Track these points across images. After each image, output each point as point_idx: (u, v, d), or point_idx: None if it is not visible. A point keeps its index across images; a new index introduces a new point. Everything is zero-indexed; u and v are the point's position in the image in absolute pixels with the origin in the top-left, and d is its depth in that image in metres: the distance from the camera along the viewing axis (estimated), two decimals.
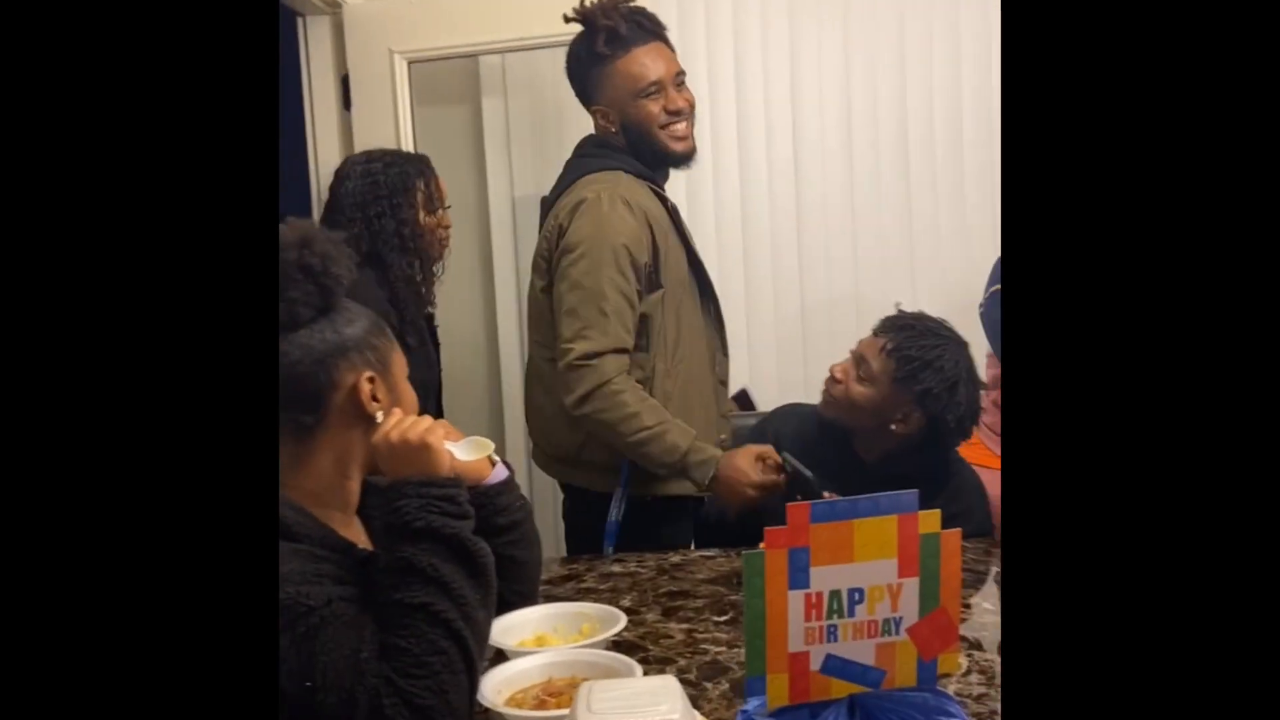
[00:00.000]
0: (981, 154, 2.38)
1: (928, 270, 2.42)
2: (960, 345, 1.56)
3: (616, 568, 1.60)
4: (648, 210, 1.61)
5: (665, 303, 1.62)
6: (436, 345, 1.92)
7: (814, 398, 1.70)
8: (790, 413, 1.83)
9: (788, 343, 2.45)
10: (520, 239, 2.46)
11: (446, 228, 1.84)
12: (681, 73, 1.67)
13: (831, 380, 1.64)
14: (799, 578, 0.89)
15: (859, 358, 1.59)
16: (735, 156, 2.43)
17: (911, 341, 1.52)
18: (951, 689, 1.05)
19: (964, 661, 1.12)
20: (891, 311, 1.63)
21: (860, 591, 0.90)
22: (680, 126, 1.65)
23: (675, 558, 1.63)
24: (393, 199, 1.74)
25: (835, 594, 0.90)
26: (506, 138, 2.45)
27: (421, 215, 1.77)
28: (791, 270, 2.45)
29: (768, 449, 1.57)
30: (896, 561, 0.90)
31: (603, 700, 0.85)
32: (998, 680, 1.09)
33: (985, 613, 1.32)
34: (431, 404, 1.76)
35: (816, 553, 0.89)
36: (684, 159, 1.69)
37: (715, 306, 1.75)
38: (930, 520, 0.91)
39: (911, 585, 0.91)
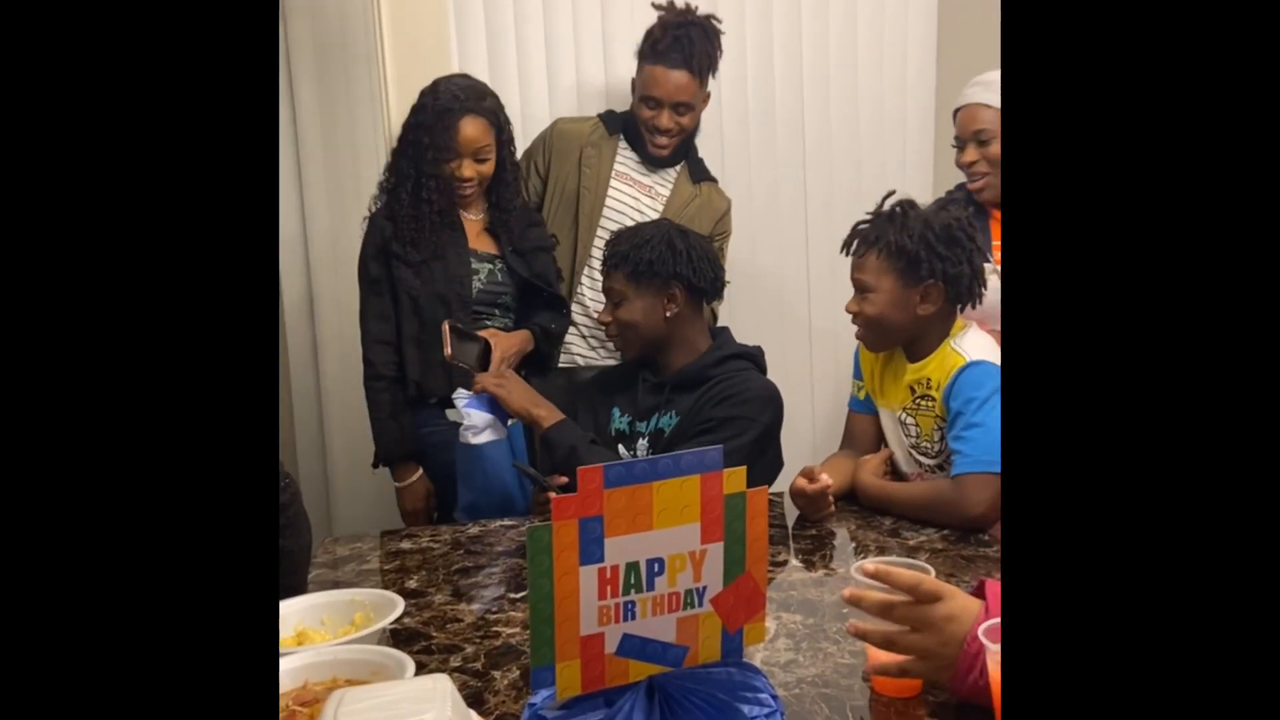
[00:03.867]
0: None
1: None
2: (658, 223, 1.70)
3: (406, 544, 1.45)
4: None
5: None
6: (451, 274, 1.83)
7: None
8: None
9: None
10: None
11: (463, 180, 1.78)
12: (685, 105, 1.96)
13: (601, 327, 1.72)
14: (592, 551, 0.80)
15: (607, 293, 1.66)
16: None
17: (623, 244, 1.63)
18: (758, 658, 0.99)
19: (771, 626, 1.06)
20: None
21: (660, 562, 0.82)
22: (660, 139, 2.00)
23: (474, 529, 1.51)
24: (423, 136, 1.76)
25: (633, 566, 0.81)
26: None
27: (444, 163, 1.77)
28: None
29: None
30: (699, 526, 0.83)
31: (354, 711, 0.71)
32: (805, 644, 1.04)
33: (794, 570, 1.28)
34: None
35: (612, 521, 0.80)
36: (653, 159, 2.03)
37: None
38: (735, 479, 0.84)
39: (716, 551, 0.84)
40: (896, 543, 1.34)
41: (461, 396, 1.64)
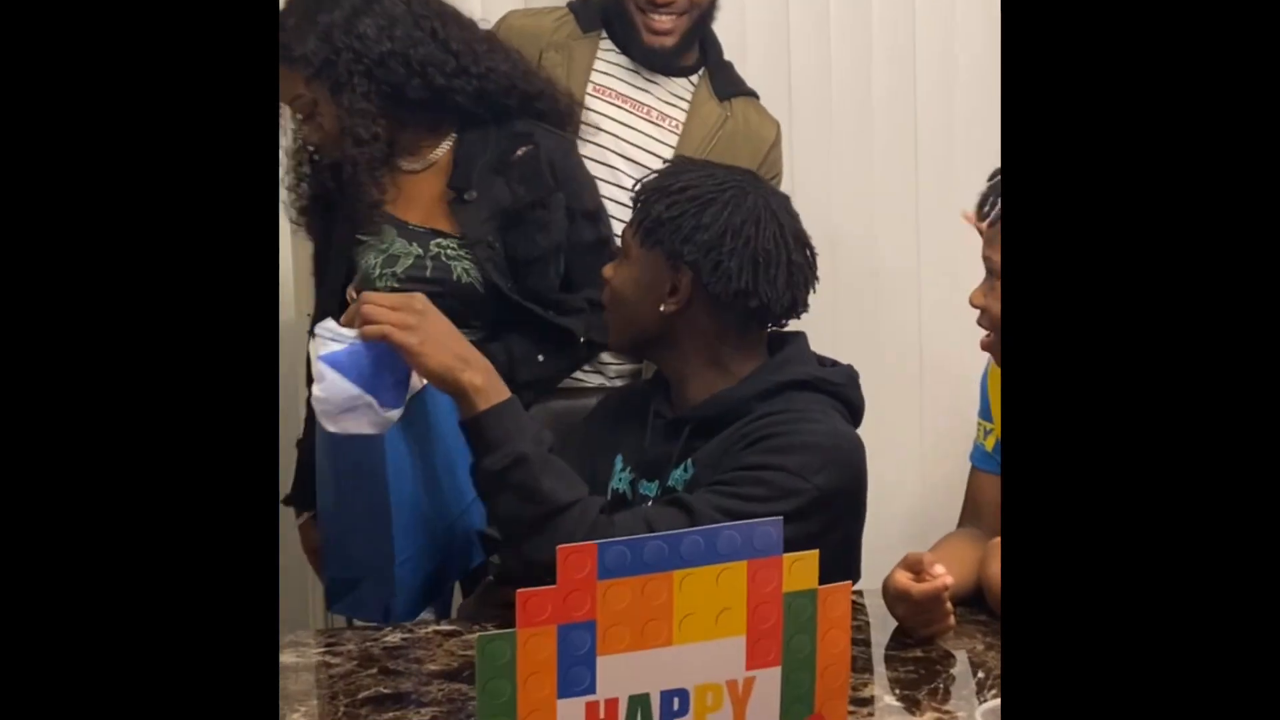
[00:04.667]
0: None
1: None
2: (732, 171, 1.65)
3: (290, 656, 1.48)
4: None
5: None
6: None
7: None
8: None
9: None
10: None
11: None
12: None
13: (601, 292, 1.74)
14: (577, 676, 0.84)
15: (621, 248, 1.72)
16: None
17: (652, 181, 1.65)
18: None
19: None
20: None
21: (683, 695, 0.87)
22: (659, 19, 2.01)
23: (394, 637, 1.54)
24: None
25: (640, 701, 0.86)
26: None
27: None
28: None
29: None
30: (744, 641, 0.87)
31: None
32: None
33: (889, 712, 1.30)
34: None
35: (609, 631, 0.84)
36: (653, 55, 2.06)
37: None
38: (803, 569, 0.87)
39: (769, 680, 0.88)
40: None
41: (327, 337, 1.44)
